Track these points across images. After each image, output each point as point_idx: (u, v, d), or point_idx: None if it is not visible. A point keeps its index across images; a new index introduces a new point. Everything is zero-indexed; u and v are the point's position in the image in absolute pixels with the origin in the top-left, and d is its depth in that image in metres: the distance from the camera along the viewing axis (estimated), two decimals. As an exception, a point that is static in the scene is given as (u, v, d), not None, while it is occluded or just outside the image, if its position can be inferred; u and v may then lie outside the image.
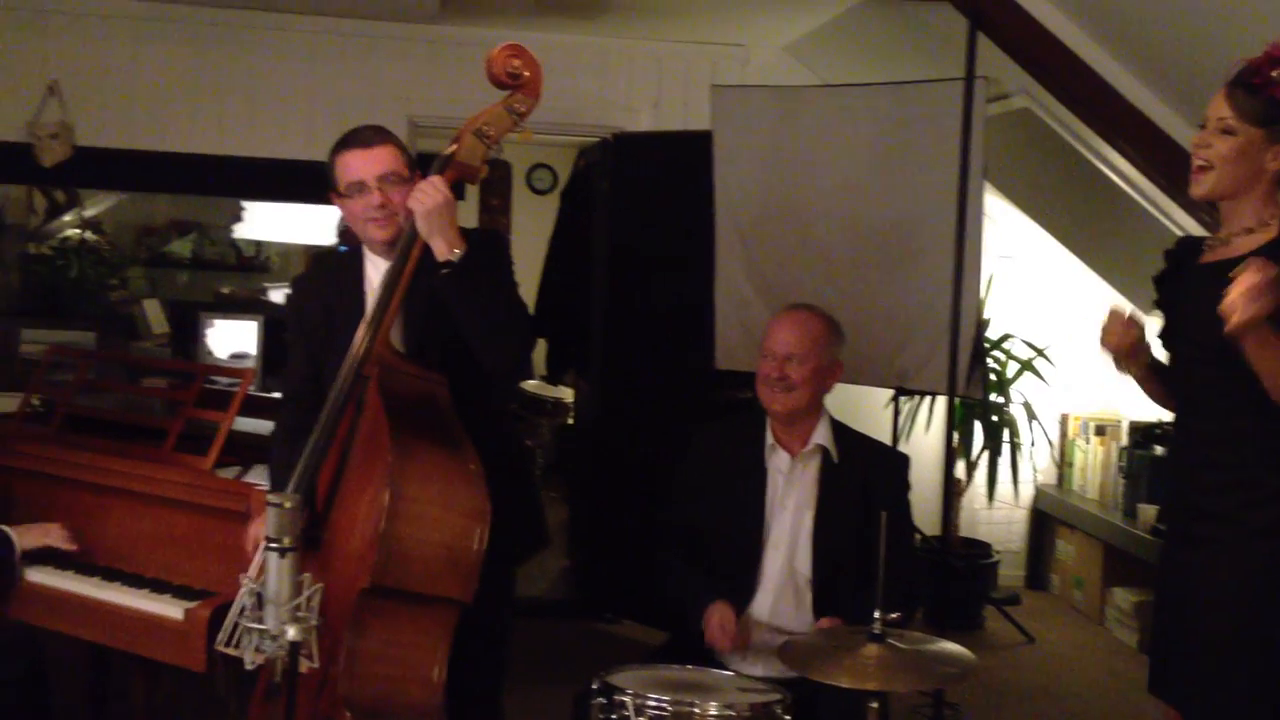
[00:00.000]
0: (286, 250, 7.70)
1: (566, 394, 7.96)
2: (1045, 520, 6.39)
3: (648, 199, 5.57)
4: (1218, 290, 2.29)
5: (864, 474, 3.20)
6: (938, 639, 2.69)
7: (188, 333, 5.92)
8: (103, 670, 3.69)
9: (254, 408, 3.45)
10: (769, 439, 3.22)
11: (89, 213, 6.76)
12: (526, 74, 2.73)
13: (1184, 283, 2.68)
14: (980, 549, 6.00)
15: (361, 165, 2.75)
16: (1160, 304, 2.76)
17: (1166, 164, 4.12)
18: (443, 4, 5.13)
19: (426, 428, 2.56)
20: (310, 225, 6.94)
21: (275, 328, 5.78)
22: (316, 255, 6.67)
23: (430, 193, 2.63)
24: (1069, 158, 4.97)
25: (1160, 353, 2.74)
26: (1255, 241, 2.50)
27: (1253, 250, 2.45)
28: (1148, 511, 5.40)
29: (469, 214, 9.07)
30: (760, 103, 4.69)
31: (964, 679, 2.58)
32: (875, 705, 2.54)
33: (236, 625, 2.14)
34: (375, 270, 2.85)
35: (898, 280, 4.42)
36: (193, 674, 2.94)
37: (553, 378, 7.88)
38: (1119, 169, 4.74)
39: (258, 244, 7.39)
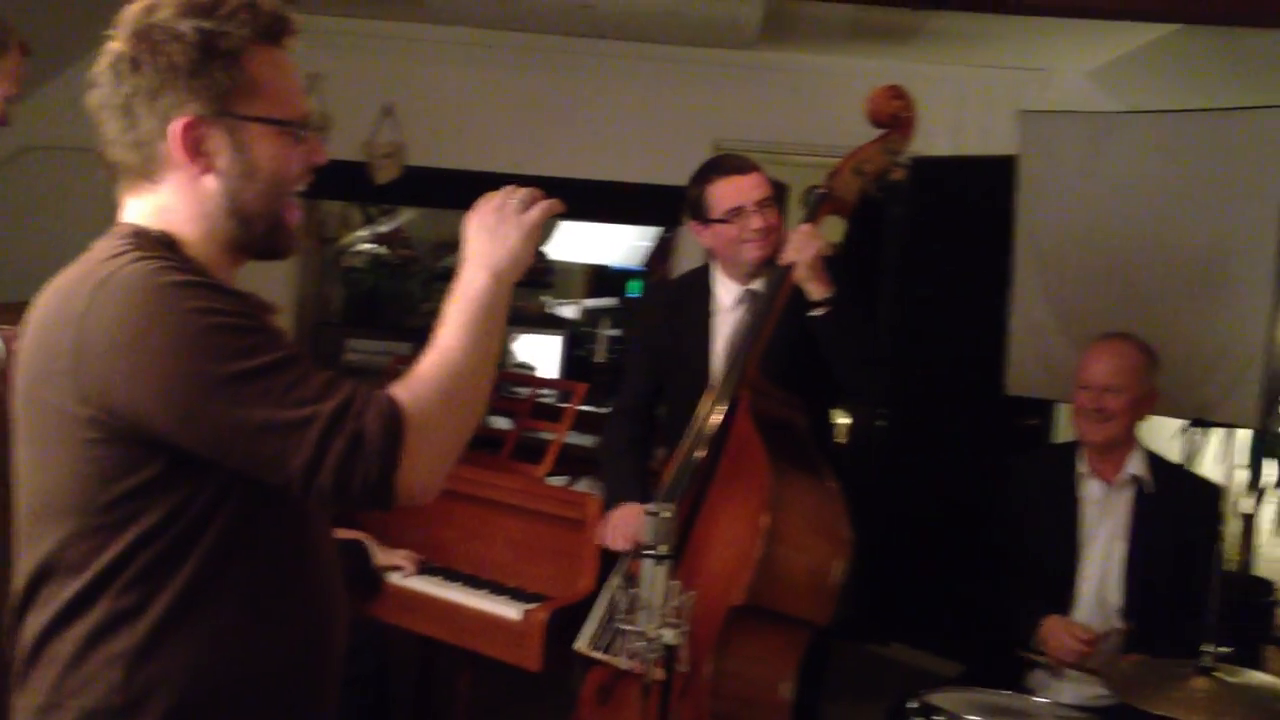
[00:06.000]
0: (568, 269, 7.92)
1: (841, 417, 7.92)
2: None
3: (942, 224, 5.56)
4: None
5: (1178, 505, 3.14)
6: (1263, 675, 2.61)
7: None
8: (430, 666, 3.85)
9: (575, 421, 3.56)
10: (1081, 467, 3.21)
11: (385, 228, 6.97)
12: (906, 115, 2.81)
13: None
14: (1262, 587, 5.75)
15: (741, 191, 2.88)
16: None
17: None
18: (763, 30, 5.15)
19: (793, 452, 2.64)
20: (597, 245, 7.10)
21: (573, 343, 6.01)
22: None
23: (808, 242, 2.74)
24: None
25: None
26: None
27: None
28: None
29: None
30: (1071, 128, 4.65)
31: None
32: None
33: (607, 628, 2.26)
34: (725, 291, 2.96)
35: (1205, 310, 4.29)
36: (530, 673, 3.04)
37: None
38: None
39: (542, 260, 7.62)
